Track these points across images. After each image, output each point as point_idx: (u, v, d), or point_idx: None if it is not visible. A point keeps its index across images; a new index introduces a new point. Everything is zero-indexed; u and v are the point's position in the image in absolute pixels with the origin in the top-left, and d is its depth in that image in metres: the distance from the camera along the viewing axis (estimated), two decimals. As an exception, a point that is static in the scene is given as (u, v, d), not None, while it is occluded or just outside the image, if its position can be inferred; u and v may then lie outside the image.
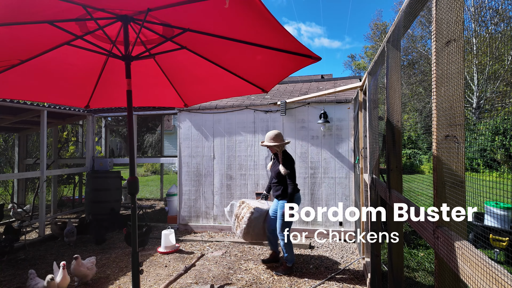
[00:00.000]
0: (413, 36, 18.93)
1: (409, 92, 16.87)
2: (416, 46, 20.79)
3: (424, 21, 20.18)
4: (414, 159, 17.26)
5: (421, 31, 20.71)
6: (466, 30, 4.45)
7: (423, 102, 17.31)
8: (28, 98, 2.85)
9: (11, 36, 1.98)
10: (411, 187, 2.43)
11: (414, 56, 21.11)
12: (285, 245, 3.77)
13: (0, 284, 3.63)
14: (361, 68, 34.15)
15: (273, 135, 3.80)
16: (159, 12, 1.99)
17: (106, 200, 5.94)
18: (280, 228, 3.74)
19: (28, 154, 7.72)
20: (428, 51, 21.04)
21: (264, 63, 2.55)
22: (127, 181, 2.09)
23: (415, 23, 1.88)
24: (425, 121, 15.53)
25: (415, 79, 17.70)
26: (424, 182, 2.16)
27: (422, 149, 17.56)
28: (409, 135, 16.82)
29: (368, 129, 3.13)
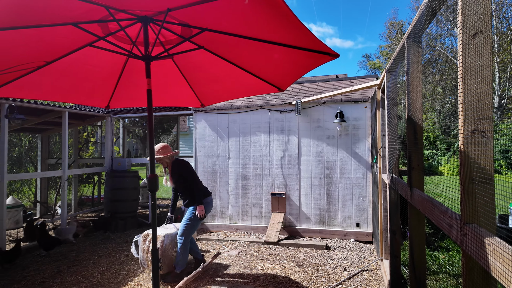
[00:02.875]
0: (430, 34, 18.50)
1: (427, 92, 16.48)
2: (434, 44, 20.28)
3: (442, 18, 19.68)
4: (433, 160, 16.82)
5: (439, 29, 20.21)
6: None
7: (442, 102, 16.86)
8: (52, 99, 2.95)
9: (37, 38, 2.06)
10: (429, 188, 2.37)
11: (432, 54, 20.61)
12: (182, 248, 3.59)
13: (25, 279, 3.77)
14: (376, 68, 33.60)
15: (159, 148, 3.61)
16: (178, 12, 2.02)
17: (124, 199, 6.07)
18: (182, 231, 3.59)
19: (50, 154, 7.98)
20: (447, 50, 20.49)
21: (281, 61, 2.55)
22: (147, 178, 2.13)
23: (433, 21, 1.84)
24: (443, 122, 15.11)
25: (433, 78, 17.27)
26: (443, 184, 2.10)
27: (440, 150, 17.10)
28: (427, 135, 16.41)
29: (387, 128, 3.07)
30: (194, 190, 3.64)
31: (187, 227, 3.60)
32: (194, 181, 3.68)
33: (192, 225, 3.62)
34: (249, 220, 5.64)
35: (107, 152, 6.73)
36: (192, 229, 3.65)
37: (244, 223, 5.66)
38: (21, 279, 3.75)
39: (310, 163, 5.33)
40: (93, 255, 4.55)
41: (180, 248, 3.61)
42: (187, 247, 3.66)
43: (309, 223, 5.30)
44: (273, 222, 5.25)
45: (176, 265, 3.64)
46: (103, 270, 3.99)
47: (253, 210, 5.62)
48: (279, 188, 5.48)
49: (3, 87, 2.51)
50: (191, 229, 3.63)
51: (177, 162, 3.73)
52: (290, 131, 5.46)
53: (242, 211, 5.68)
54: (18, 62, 2.25)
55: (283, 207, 5.40)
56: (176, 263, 3.64)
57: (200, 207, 3.57)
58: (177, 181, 3.69)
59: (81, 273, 3.91)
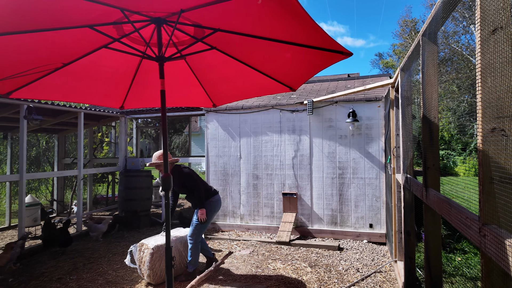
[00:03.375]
0: (445, 32, 18.08)
1: (442, 90, 16.11)
2: (449, 42, 19.81)
3: (457, 15, 19.19)
4: (448, 160, 16.44)
5: (454, 27, 19.74)
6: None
7: (457, 101, 16.44)
8: (69, 100, 3.02)
9: (55, 40, 2.11)
10: (445, 189, 2.32)
11: (447, 53, 20.14)
12: (193, 248, 3.64)
13: (43, 275, 3.87)
14: (389, 66, 33.06)
15: (159, 155, 3.64)
16: (191, 13, 2.04)
17: (138, 198, 6.17)
18: (192, 232, 3.63)
19: (66, 154, 8.17)
20: (462, 47, 19.98)
21: (292, 61, 2.54)
22: (161, 177, 2.16)
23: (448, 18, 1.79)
24: (459, 121, 14.74)
25: (448, 76, 16.88)
26: (459, 185, 2.06)
27: (456, 150, 16.70)
28: (441, 135, 16.04)
29: (402, 127, 3.02)
30: (196, 196, 3.66)
31: (196, 228, 3.64)
32: (195, 187, 3.68)
33: (201, 226, 3.65)
34: (260, 220, 5.65)
35: (121, 152, 6.85)
36: (201, 230, 3.68)
37: (255, 223, 5.67)
38: (39, 275, 3.86)
39: (322, 163, 5.29)
40: (108, 253, 4.64)
41: (191, 248, 3.65)
42: (198, 247, 3.69)
43: (321, 224, 5.26)
44: (284, 222, 5.24)
45: (188, 264, 3.68)
46: (118, 268, 4.06)
47: (265, 210, 5.62)
48: (290, 188, 5.46)
49: (22, 89, 2.58)
50: (200, 230, 3.67)
51: (176, 170, 3.73)
52: (302, 131, 5.43)
53: (253, 211, 5.69)
54: (37, 64, 2.31)
55: (294, 207, 5.38)
56: (189, 263, 3.68)
57: (202, 211, 3.60)
58: (180, 188, 3.73)
59: (96, 270, 4.00)
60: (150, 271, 3.45)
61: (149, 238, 3.73)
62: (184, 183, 3.71)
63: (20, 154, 4.68)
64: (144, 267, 3.50)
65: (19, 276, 3.84)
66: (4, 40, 1.94)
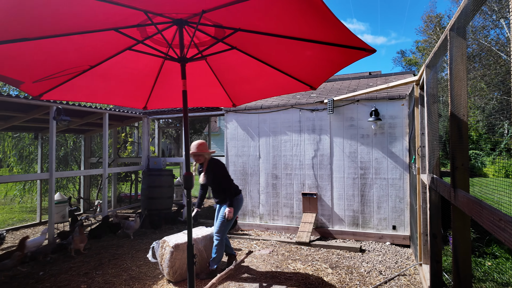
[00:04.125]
0: (472, 27, 17.28)
1: (469, 88, 15.43)
2: (476, 37, 18.94)
3: (486, 9, 18.29)
4: (476, 161, 15.73)
5: (482, 21, 18.86)
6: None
7: (486, 99, 15.69)
8: (94, 101, 3.13)
9: (83, 44, 2.20)
10: (473, 191, 2.22)
11: (474, 48, 19.26)
12: (218, 245, 3.68)
13: (71, 269, 4.04)
14: (412, 64, 32.05)
15: (198, 145, 3.68)
16: (212, 13, 2.06)
17: (160, 197, 6.31)
18: (218, 228, 3.68)
19: (92, 154, 8.48)
20: (491, 42, 19.04)
21: (313, 59, 2.51)
22: (183, 176, 2.19)
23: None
24: (488, 119, 14.04)
25: (475, 73, 16.14)
26: (488, 187, 1.95)
27: (484, 150, 15.96)
28: (469, 134, 15.36)
29: (427, 126, 2.92)
30: (227, 192, 3.72)
31: (222, 224, 3.68)
32: (228, 182, 3.76)
33: (228, 223, 3.70)
34: (279, 220, 5.63)
35: (144, 152, 7.03)
36: (228, 226, 3.73)
37: (274, 222, 5.66)
38: (68, 270, 4.02)
39: (343, 163, 5.20)
40: (131, 250, 4.78)
41: (217, 245, 3.69)
42: (223, 244, 3.74)
43: (342, 225, 5.17)
44: (304, 222, 5.20)
45: (211, 262, 3.72)
46: (141, 264, 4.17)
47: (284, 210, 5.59)
48: (310, 188, 5.41)
49: (52, 91, 2.70)
50: (227, 226, 3.72)
51: (213, 161, 3.82)
52: (322, 130, 5.36)
53: (272, 211, 5.68)
54: (66, 66, 2.41)
55: (314, 207, 5.32)
56: (212, 260, 3.71)
57: (230, 210, 3.64)
58: (212, 180, 3.77)
59: (120, 266, 4.12)
60: (170, 269, 3.52)
61: (171, 236, 3.80)
62: (217, 176, 3.75)
63: (50, 153, 4.90)
64: (164, 264, 3.58)
65: (49, 270, 4.02)
66: (35, 45, 2.04)
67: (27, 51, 2.07)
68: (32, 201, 9.11)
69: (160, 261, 3.67)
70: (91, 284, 3.59)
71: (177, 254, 3.53)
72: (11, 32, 1.84)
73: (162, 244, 3.68)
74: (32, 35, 1.93)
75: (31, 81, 2.42)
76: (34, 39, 1.96)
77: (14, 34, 1.87)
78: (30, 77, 2.38)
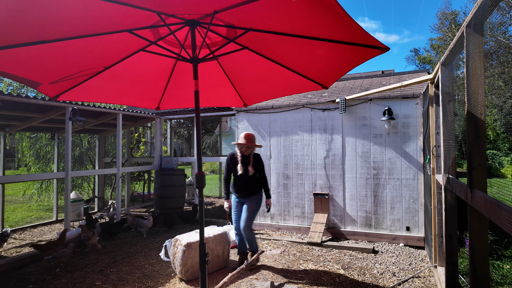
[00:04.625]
0: (490, 23, 16.79)
1: (486, 86, 15.02)
2: (494, 34, 18.40)
3: (503, 5, 17.76)
4: (493, 161, 15.29)
5: (500, 17, 18.30)
6: None
7: (504, 97, 15.23)
8: (109, 101, 3.19)
9: (98, 45, 2.24)
10: (491, 192, 2.16)
11: (492, 45, 18.71)
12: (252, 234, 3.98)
13: (86, 266, 4.13)
14: (426, 62, 31.41)
15: (250, 136, 3.91)
16: (223, 13, 2.07)
17: (172, 196, 6.38)
18: (250, 221, 3.89)
19: (106, 153, 8.65)
20: (510, 38, 18.47)
21: (325, 57, 2.49)
22: (195, 175, 2.21)
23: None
24: (506, 118, 13.61)
25: (493, 71, 15.69)
26: (506, 187, 1.90)
27: (502, 150, 15.49)
28: (486, 134, 14.93)
29: (442, 125, 2.86)
30: (265, 185, 4.04)
31: (253, 216, 3.93)
32: (265, 177, 4.09)
33: (254, 216, 3.97)
34: (291, 220, 5.61)
35: (157, 151, 7.13)
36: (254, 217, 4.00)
37: (286, 223, 5.64)
38: (83, 267, 4.11)
39: (355, 163, 5.15)
40: (144, 248, 4.85)
41: (251, 235, 3.96)
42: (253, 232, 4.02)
43: (355, 225, 5.12)
44: (316, 223, 5.16)
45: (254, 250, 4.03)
46: (154, 262, 4.23)
47: (295, 210, 5.57)
48: (322, 188, 5.37)
49: (68, 92, 2.77)
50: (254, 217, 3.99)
51: (256, 154, 4.06)
52: (334, 130, 5.32)
53: (283, 211, 5.66)
54: (81, 68, 2.47)
55: (326, 208, 5.28)
56: (255, 248, 4.04)
57: (268, 201, 4.04)
58: (254, 172, 3.94)
59: (134, 264, 4.19)
60: (182, 267, 3.55)
61: (184, 235, 3.84)
62: (259, 169, 4.00)
63: (66, 153, 5.02)
64: (177, 262, 3.61)
65: (65, 267, 4.12)
66: (53, 47, 2.09)
67: (44, 53, 2.13)
68: (49, 200, 9.36)
69: (173, 260, 3.71)
70: (105, 281, 3.66)
71: (189, 253, 3.57)
72: (29, 35, 1.90)
73: (174, 243, 3.72)
74: (50, 37, 1.98)
75: (48, 82, 2.48)
76: (51, 41, 2.02)
77: (32, 37, 1.93)
78: (48, 79, 2.44)
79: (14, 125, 6.03)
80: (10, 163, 19.38)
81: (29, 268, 4.13)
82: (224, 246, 3.98)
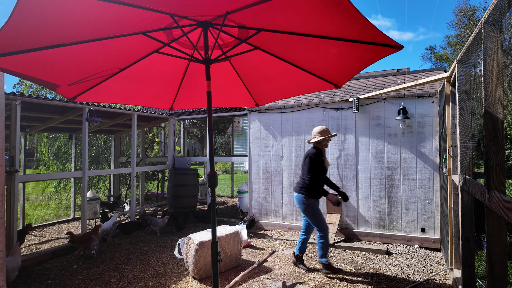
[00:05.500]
0: (509, 19, 16.23)
1: (506, 84, 14.55)
2: (515, 29, 17.76)
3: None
4: (512, 161, 14.76)
5: (521, 12, 17.62)
6: None
7: (525, 95, 14.70)
8: (124, 102, 3.26)
9: (114, 48, 2.30)
10: (510, 193, 2.09)
11: (512, 42, 18.06)
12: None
13: (102, 263, 4.23)
14: (443, 60, 30.62)
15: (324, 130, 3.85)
16: (235, 14, 2.08)
17: (185, 195, 6.47)
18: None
19: (121, 153, 8.84)
20: (532, 35, 17.79)
21: (337, 56, 2.48)
22: (208, 175, 2.23)
23: None
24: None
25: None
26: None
27: (523, 150, 14.96)
28: (506, 133, 14.48)
29: (459, 124, 2.79)
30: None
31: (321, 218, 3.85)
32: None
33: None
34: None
35: (170, 151, 7.23)
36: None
37: (298, 223, 5.62)
38: (99, 264, 4.22)
39: (369, 163, 5.08)
40: (158, 246, 4.93)
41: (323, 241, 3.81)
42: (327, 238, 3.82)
43: (368, 226, 5.05)
44: (328, 223, 5.12)
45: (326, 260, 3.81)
46: (167, 261, 4.29)
47: (308, 210, 5.54)
48: (334, 188, 5.32)
49: (85, 93, 2.85)
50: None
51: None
52: (347, 130, 5.26)
53: (295, 211, 5.65)
54: (97, 70, 2.54)
55: (339, 208, 5.23)
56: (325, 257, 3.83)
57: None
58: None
59: (148, 262, 4.27)
60: (194, 266, 3.60)
61: (196, 233, 3.88)
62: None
63: (83, 153, 5.16)
64: (189, 261, 3.66)
65: (82, 264, 4.24)
66: (70, 50, 2.16)
67: (62, 56, 2.20)
68: (67, 198, 9.63)
69: (186, 258, 3.76)
70: (120, 278, 3.75)
71: (201, 252, 3.61)
72: (48, 39, 1.96)
73: (187, 242, 3.77)
74: (68, 41, 2.05)
75: (66, 84, 2.56)
76: (69, 44, 2.08)
77: (51, 41, 1.99)
78: (66, 81, 2.52)
79: (34, 125, 6.24)
80: (30, 162, 20.05)
81: (48, 264, 4.27)
82: (236, 245, 4.00)
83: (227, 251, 3.89)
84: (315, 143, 3.87)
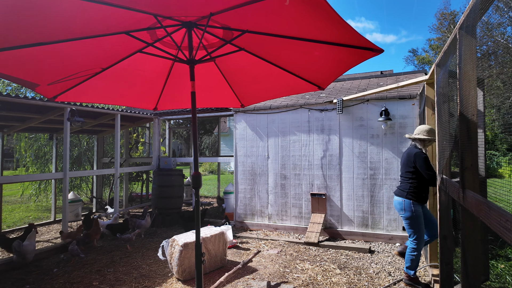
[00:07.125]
0: (488, 24, 16.82)
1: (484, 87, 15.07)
2: (492, 34, 18.45)
3: (502, 6, 17.83)
4: (491, 161, 15.30)
5: (499, 18, 18.32)
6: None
7: (502, 98, 15.31)
8: (107, 102, 3.21)
9: (96, 47, 2.26)
10: (489, 192, 2.18)
11: (490, 46, 18.77)
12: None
13: (84, 267, 4.14)
14: (425, 63, 31.52)
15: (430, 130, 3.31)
16: (220, 15, 2.09)
17: (170, 196, 6.40)
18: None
19: (104, 154, 8.66)
20: (508, 39, 18.57)
21: (321, 59, 2.52)
22: (192, 176, 2.23)
23: (491, 8, 1.69)
24: (504, 119, 13.69)
25: (490, 72, 15.73)
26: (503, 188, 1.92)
27: (500, 150, 15.53)
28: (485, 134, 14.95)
29: (437, 126, 2.89)
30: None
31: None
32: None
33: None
34: (288, 220, 5.63)
35: (155, 152, 7.14)
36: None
37: (283, 223, 5.66)
38: (80, 267, 4.13)
39: (352, 163, 5.17)
40: (142, 248, 4.87)
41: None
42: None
43: (351, 225, 5.14)
44: (313, 223, 5.19)
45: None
46: (151, 263, 4.24)
47: (293, 210, 5.60)
48: (319, 188, 5.40)
49: (66, 93, 2.79)
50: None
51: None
52: (331, 130, 5.35)
53: (281, 211, 5.69)
54: (79, 69, 2.49)
55: (323, 208, 5.30)
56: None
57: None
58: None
59: (131, 264, 4.21)
60: (179, 267, 3.57)
61: (181, 235, 3.86)
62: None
63: (64, 153, 5.03)
64: (174, 262, 3.63)
65: (63, 267, 4.14)
66: (50, 49, 2.11)
67: (42, 55, 2.14)
68: (47, 200, 9.36)
69: (170, 260, 3.73)
70: (102, 281, 3.68)
71: (186, 253, 3.59)
72: (26, 37, 1.91)
73: (171, 243, 3.74)
74: (47, 39, 2.00)
75: (46, 83, 2.50)
76: (49, 43, 2.03)
77: (29, 39, 1.95)
78: (45, 80, 2.46)
79: (13, 125, 6.04)
80: (8, 163, 19.37)
81: (27, 267, 4.14)
82: (221, 246, 4.00)
83: (212, 252, 3.88)
84: (419, 140, 3.30)
